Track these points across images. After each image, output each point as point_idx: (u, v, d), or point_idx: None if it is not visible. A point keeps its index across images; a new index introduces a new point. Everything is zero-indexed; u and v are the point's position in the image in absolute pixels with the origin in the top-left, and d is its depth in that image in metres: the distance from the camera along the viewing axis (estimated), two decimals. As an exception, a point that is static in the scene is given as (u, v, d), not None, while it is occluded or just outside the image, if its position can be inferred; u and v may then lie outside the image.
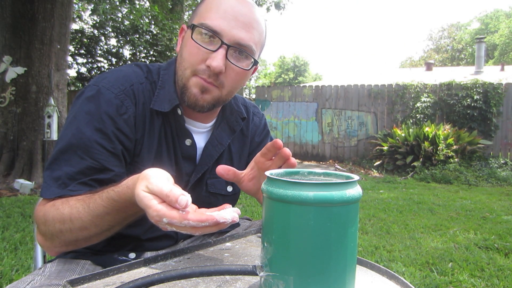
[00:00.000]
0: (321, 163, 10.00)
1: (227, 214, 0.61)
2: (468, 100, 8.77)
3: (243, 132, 1.11)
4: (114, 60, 12.47)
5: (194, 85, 0.89)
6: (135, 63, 1.00)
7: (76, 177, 0.82)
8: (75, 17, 11.40)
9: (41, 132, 5.77)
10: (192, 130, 0.99)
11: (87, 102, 0.87)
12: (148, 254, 0.97)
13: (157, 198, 0.61)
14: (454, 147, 7.89)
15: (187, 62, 0.89)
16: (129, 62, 7.33)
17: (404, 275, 2.56)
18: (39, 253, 1.12)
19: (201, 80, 0.88)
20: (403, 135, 8.30)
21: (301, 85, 14.36)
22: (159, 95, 0.94)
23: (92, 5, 9.97)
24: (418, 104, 9.23)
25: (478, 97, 8.73)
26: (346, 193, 0.53)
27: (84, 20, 12.86)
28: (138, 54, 12.24)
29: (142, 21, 11.37)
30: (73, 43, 11.63)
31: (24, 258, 2.67)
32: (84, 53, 12.32)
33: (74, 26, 11.83)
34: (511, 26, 34.76)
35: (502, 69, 19.07)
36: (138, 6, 10.58)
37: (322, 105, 10.24)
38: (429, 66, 21.49)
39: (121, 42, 12.40)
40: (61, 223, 0.78)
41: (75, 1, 9.69)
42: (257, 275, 0.58)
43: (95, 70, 12.42)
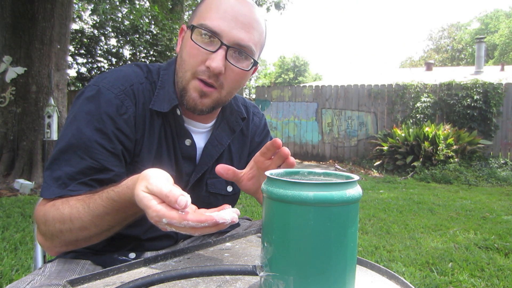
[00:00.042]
0: (321, 163, 10.00)
1: (226, 214, 0.61)
2: (468, 100, 8.78)
3: (243, 132, 1.11)
4: (114, 60, 12.47)
5: (194, 89, 0.89)
6: (135, 63, 1.00)
7: (76, 177, 0.82)
8: (75, 17, 11.40)
9: (41, 132, 5.77)
10: (192, 130, 0.99)
11: (87, 102, 0.87)
12: (148, 254, 0.97)
13: (157, 199, 0.61)
14: (454, 147, 7.89)
15: (187, 64, 0.89)
16: (129, 62, 7.32)
17: (404, 275, 2.56)
18: (39, 253, 1.12)
19: (200, 83, 0.88)
20: (403, 135, 8.30)
21: (301, 85, 14.36)
22: (159, 95, 0.94)
23: (92, 5, 9.97)
24: (418, 104, 9.23)
25: (478, 97, 8.73)
26: (346, 193, 0.53)
27: (84, 20, 12.87)
28: (138, 54, 12.24)
29: (142, 21, 11.37)
30: (73, 43, 11.63)
31: (24, 258, 2.67)
32: (84, 53, 12.32)
33: (74, 26, 11.83)
34: (511, 26, 34.75)
35: (502, 69, 19.08)
36: (138, 6, 10.58)
37: (322, 105, 10.24)
38: (429, 66, 21.49)
39: (121, 42, 12.40)
40: (61, 223, 0.78)
41: (75, 1, 9.69)
42: (257, 275, 0.58)
43: (95, 70, 12.42)
